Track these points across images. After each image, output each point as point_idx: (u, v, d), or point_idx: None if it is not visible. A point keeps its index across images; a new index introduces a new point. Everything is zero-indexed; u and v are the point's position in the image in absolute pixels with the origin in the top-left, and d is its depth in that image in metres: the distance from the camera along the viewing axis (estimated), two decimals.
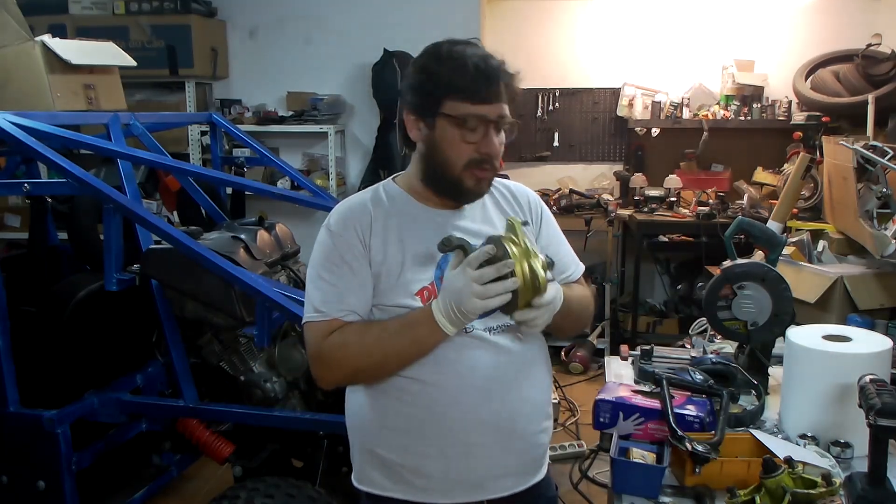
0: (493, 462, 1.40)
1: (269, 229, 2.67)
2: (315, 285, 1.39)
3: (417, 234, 1.40)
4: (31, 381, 2.41)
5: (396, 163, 4.50)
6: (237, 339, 2.46)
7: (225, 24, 4.89)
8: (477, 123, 1.33)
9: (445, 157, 1.37)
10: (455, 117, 1.33)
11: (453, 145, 1.35)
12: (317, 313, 1.37)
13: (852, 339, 1.60)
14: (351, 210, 1.44)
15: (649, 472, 1.43)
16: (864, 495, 1.28)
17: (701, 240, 4.30)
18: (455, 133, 1.34)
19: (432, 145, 1.38)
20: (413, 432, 1.38)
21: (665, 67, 4.89)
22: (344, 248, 1.38)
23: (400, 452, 1.39)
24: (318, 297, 1.38)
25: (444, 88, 1.33)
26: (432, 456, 1.38)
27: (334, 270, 1.38)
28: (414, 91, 1.38)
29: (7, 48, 2.76)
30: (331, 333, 1.35)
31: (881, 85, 4.14)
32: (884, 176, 2.76)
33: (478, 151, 1.35)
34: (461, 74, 1.32)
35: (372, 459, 1.43)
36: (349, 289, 1.37)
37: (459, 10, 4.65)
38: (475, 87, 1.32)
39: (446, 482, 1.39)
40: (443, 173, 1.38)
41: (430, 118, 1.36)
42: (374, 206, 1.43)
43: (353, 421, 1.47)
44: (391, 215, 1.41)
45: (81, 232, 2.73)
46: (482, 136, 1.34)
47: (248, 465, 2.37)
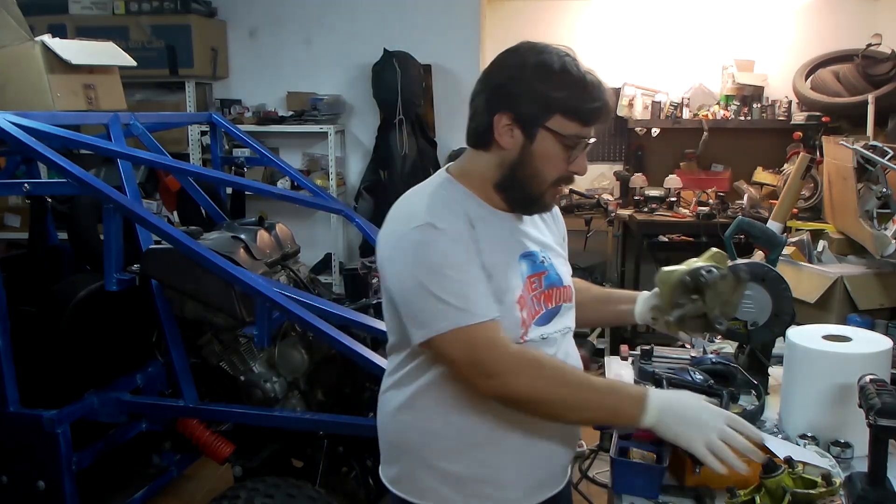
0: (558, 459, 1.43)
1: (269, 229, 2.67)
2: (443, 287, 1.23)
3: (499, 240, 1.34)
4: (31, 381, 2.41)
5: (396, 163, 4.50)
6: (237, 339, 2.46)
7: (225, 24, 4.89)
8: (576, 143, 1.31)
9: (537, 170, 1.32)
10: (562, 135, 1.29)
11: (550, 161, 1.31)
12: (464, 315, 1.22)
13: (852, 339, 1.60)
14: (449, 205, 1.31)
15: (649, 472, 1.43)
16: (864, 495, 1.28)
17: (701, 240, 4.29)
18: (556, 150, 1.30)
19: (526, 156, 1.31)
20: (493, 445, 1.35)
21: (665, 67, 4.89)
22: (463, 244, 1.27)
23: (478, 466, 1.35)
24: (457, 298, 1.22)
25: (557, 104, 1.27)
26: (510, 466, 1.36)
27: (464, 268, 1.25)
28: (519, 97, 1.29)
29: (7, 48, 2.76)
30: (499, 335, 1.24)
31: (881, 85, 4.14)
32: (884, 176, 2.76)
33: (568, 171, 1.33)
34: (581, 96, 1.28)
35: (445, 477, 1.36)
36: (484, 289, 1.27)
37: (459, 10, 4.65)
38: (593, 112, 1.29)
39: (523, 487, 1.39)
40: (527, 185, 1.33)
41: (532, 129, 1.29)
42: (461, 205, 1.33)
43: (414, 439, 1.39)
44: (477, 217, 1.32)
45: (81, 232, 2.73)
46: (577, 156, 1.33)
47: (248, 465, 2.37)
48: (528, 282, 1.36)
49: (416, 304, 1.26)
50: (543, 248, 1.43)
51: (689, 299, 1.47)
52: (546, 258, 1.41)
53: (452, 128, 4.74)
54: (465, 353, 1.24)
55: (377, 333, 2.27)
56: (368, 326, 2.24)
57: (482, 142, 1.35)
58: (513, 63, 1.32)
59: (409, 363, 1.38)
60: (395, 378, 1.42)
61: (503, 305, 1.29)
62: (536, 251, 1.40)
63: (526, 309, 1.33)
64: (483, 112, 1.33)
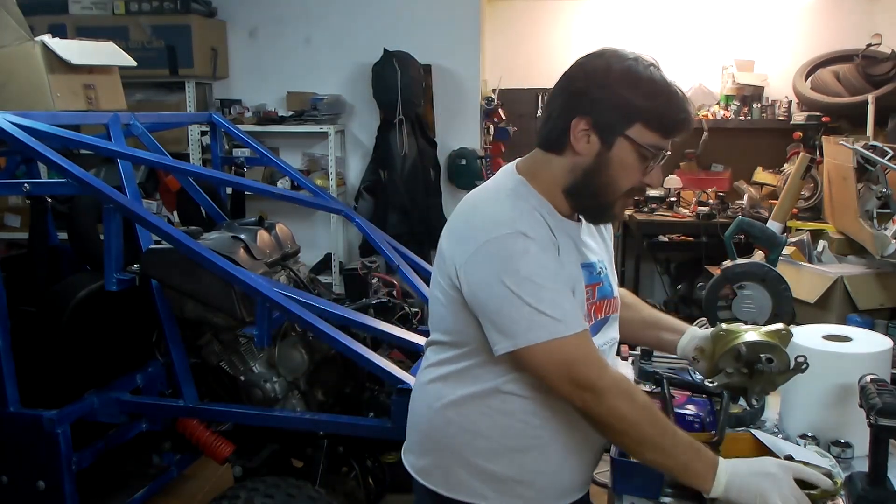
0: (590, 463, 1.45)
1: (269, 229, 2.67)
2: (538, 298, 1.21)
3: (570, 249, 1.34)
4: (31, 381, 2.41)
5: (396, 163, 4.50)
6: (237, 339, 2.46)
7: (225, 24, 4.89)
8: (653, 155, 1.28)
9: (612, 179, 1.29)
10: (641, 145, 1.27)
11: (626, 170, 1.29)
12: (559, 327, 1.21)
13: (852, 339, 1.60)
14: (532, 213, 1.29)
15: (649, 472, 1.43)
16: (864, 495, 1.28)
17: (701, 240, 4.30)
18: (633, 159, 1.28)
19: (602, 163, 1.29)
20: (535, 451, 1.36)
21: (665, 67, 4.87)
22: (552, 253, 1.26)
23: (517, 469, 1.37)
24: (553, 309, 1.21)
25: (641, 113, 1.26)
26: (547, 472, 1.38)
27: (557, 279, 1.25)
28: (600, 102, 1.27)
29: (7, 48, 2.76)
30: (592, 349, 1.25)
31: (881, 85, 4.14)
32: (884, 176, 2.76)
33: (641, 181, 1.31)
34: (666, 106, 1.27)
35: (481, 474, 1.37)
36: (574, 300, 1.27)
37: (459, 10, 4.65)
38: (677, 123, 1.27)
39: (554, 490, 1.40)
40: (599, 194, 1.31)
41: (611, 136, 1.27)
42: (539, 211, 1.31)
43: (455, 436, 1.39)
44: (553, 227, 1.31)
45: (81, 232, 2.72)
46: (653, 167, 1.30)
47: (248, 465, 2.37)
48: (586, 292, 1.36)
49: (508, 314, 1.23)
50: (601, 258, 1.43)
51: (738, 371, 1.44)
52: (603, 269, 1.42)
53: (452, 128, 4.75)
54: (560, 364, 1.23)
55: (377, 333, 2.27)
56: (368, 326, 2.24)
57: (556, 145, 1.33)
58: (596, 67, 1.30)
59: (466, 362, 1.37)
60: (444, 372, 1.40)
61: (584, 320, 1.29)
62: (595, 261, 1.40)
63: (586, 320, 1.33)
64: (559, 115, 1.31)
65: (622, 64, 1.28)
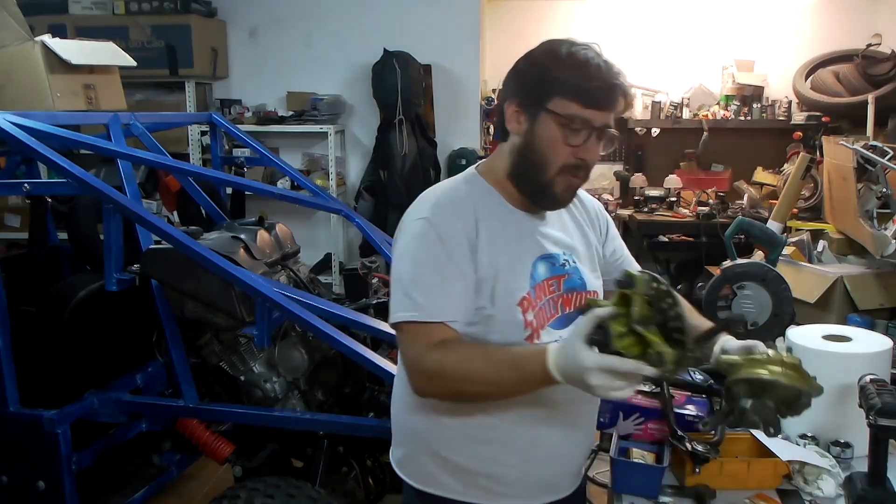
0: (566, 467, 1.43)
1: (269, 229, 2.67)
2: (414, 282, 1.27)
3: (510, 239, 1.34)
4: (31, 381, 2.41)
5: (396, 163, 4.50)
6: (237, 339, 2.46)
7: (225, 24, 4.89)
8: (582, 127, 1.27)
9: (542, 156, 1.30)
10: (562, 116, 1.27)
11: (553, 145, 1.29)
12: (416, 312, 1.25)
13: (852, 339, 1.61)
14: (452, 204, 1.33)
15: (649, 472, 1.43)
16: (864, 495, 1.28)
17: (701, 240, 4.30)
18: (557, 132, 1.28)
19: (531, 141, 1.31)
20: (495, 444, 1.36)
21: (665, 67, 4.89)
22: (452, 244, 1.28)
23: (481, 461, 1.37)
24: (421, 296, 1.26)
25: (557, 85, 1.27)
26: (513, 465, 1.37)
27: (440, 268, 1.27)
28: (523, 82, 1.31)
29: (7, 48, 2.76)
30: (434, 341, 1.25)
31: (881, 85, 4.14)
32: (884, 176, 2.76)
33: (575, 156, 1.29)
34: (579, 75, 1.27)
35: (445, 465, 1.38)
36: (457, 292, 1.27)
37: (459, 10, 4.65)
38: (591, 90, 1.27)
39: (524, 487, 1.39)
40: (535, 173, 1.32)
41: (535, 112, 1.29)
42: (474, 202, 1.34)
43: (422, 426, 1.41)
44: (489, 216, 1.33)
45: (81, 232, 2.72)
46: (583, 140, 1.28)
47: (248, 465, 2.37)
48: (545, 284, 1.35)
49: (393, 291, 1.31)
50: (569, 250, 1.41)
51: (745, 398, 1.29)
52: (570, 261, 1.40)
53: (452, 128, 4.75)
54: (408, 346, 1.28)
55: (377, 333, 2.27)
56: (368, 326, 2.24)
57: (502, 134, 1.36)
58: (527, 53, 1.34)
59: None
60: None
61: (497, 307, 1.29)
62: (558, 253, 1.38)
63: (533, 311, 1.32)
64: (501, 103, 1.36)
65: (547, 45, 1.32)
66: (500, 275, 1.30)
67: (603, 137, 1.30)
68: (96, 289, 2.50)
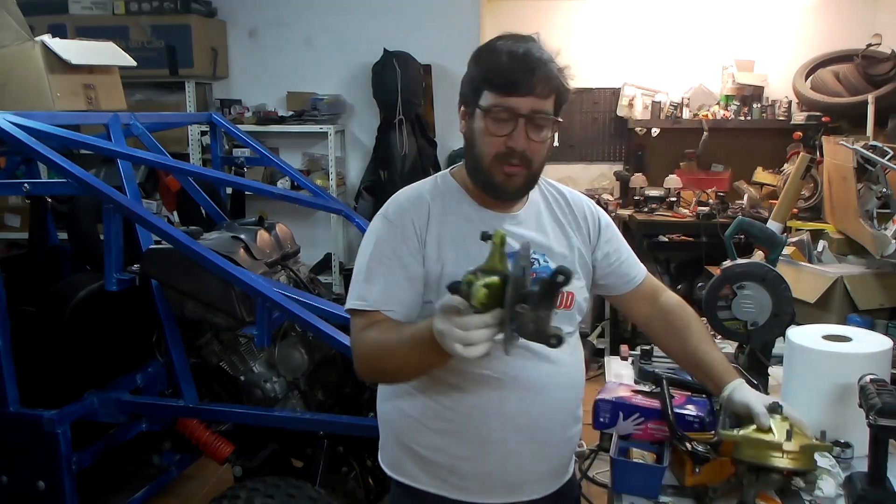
0: (530, 468, 1.41)
1: (269, 229, 2.67)
2: (364, 274, 1.37)
3: (468, 235, 1.36)
4: (31, 381, 2.41)
5: (396, 163, 4.50)
6: (237, 339, 2.46)
7: (225, 24, 4.89)
8: (507, 116, 1.30)
9: (478, 149, 1.35)
10: (484, 107, 1.32)
11: (483, 137, 1.34)
12: (360, 301, 1.35)
13: (852, 339, 1.60)
14: (410, 201, 1.41)
15: (649, 472, 1.43)
16: (864, 495, 1.28)
17: (701, 240, 4.29)
18: (489, 124, 1.32)
19: (470, 136, 1.37)
20: (451, 435, 1.38)
21: (665, 67, 4.89)
22: (398, 240, 1.36)
23: (437, 452, 1.40)
24: (366, 287, 1.35)
25: (480, 80, 1.33)
26: (468, 458, 1.38)
27: (385, 262, 1.35)
28: (463, 82, 1.38)
29: (7, 48, 2.76)
30: (368, 326, 1.33)
31: (881, 85, 4.13)
32: (884, 176, 2.75)
33: (505, 145, 1.32)
34: (494, 66, 1.31)
35: (408, 453, 1.43)
36: (398, 283, 1.34)
37: (459, 11, 4.65)
38: (505, 78, 1.30)
39: (482, 483, 1.39)
40: (477, 165, 1.37)
41: (472, 110, 1.35)
42: (432, 199, 1.40)
43: (389, 413, 1.46)
44: (448, 212, 1.39)
45: (81, 232, 2.73)
46: (511, 129, 1.31)
47: (248, 465, 2.37)
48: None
49: (351, 280, 1.40)
50: (540, 249, 1.41)
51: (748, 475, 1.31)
52: (538, 260, 1.40)
53: (452, 128, 4.74)
54: (351, 333, 1.38)
55: None
56: None
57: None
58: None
59: None
60: None
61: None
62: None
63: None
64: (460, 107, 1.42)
65: (480, 46, 1.38)
66: (447, 269, 1.34)
67: (534, 124, 1.32)
68: (96, 289, 2.50)
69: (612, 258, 1.54)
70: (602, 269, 1.53)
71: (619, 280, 1.56)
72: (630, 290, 1.57)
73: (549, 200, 1.49)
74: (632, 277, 1.57)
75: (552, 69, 1.31)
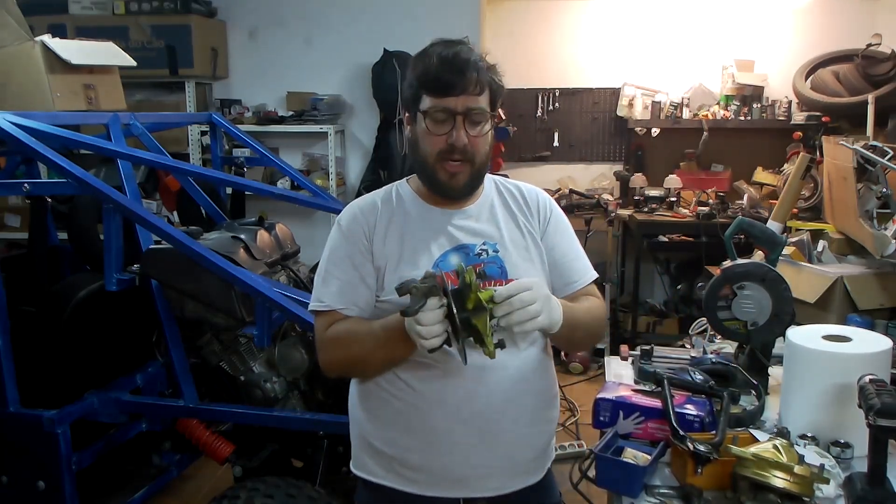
0: (476, 461, 1.42)
1: (269, 229, 2.67)
2: (322, 277, 1.47)
3: (415, 232, 1.45)
4: (31, 381, 2.41)
5: (396, 163, 4.50)
6: (237, 339, 2.46)
7: (225, 24, 4.89)
8: (445, 116, 1.37)
9: (422, 149, 1.42)
10: (425, 111, 1.38)
11: (425, 138, 1.40)
12: (319, 303, 1.45)
13: (852, 339, 1.60)
14: (360, 208, 1.50)
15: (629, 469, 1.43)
16: (864, 495, 1.28)
17: (701, 240, 4.30)
18: (428, 124, 1.39)
19: (414, 139, 1.44)
20: (398, 426, 1.43)
21: (665, 67, 4.89)
22: (350, 245, 1.45)
23: (388, 443, 1.44)
24: (323, 289, 1.45)
25: (417, 85, 1.39)
26: (415, 450, 1.42)
27: (339, 265, 1.45)
28: (404, 91, 1.46)
29: (7, 48, 2.76)
30: (331, 325, 1.42)
31: (881, 85, 4.14)
32: (884, 176, 2.75)
33: (445, 143, 1.38)
34: (425, 69, 1.38)
35: (366, 447, 1.48)
36: (350, 284, 1.43)
37: (459, 11, 4.65)
38: (435, 80, 1.37)
39: (429, 476, 1.42)
40: (422, 166, 1.44)
41: (414, 114, 1.42)
42: (382, 204, 1.49)
43: (352, 409, 1.53)
44: (396, 213, 1.47)
45: (81, 232, 2.73)
46: (450, 127, 1.37)
47: (248, 465, 2.37)
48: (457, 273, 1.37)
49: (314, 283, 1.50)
50: (491, 240, 1.45)
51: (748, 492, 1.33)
52: (487, 250, 1.44)
53: None
54: (315, 332, 1.47)
55: None
56: None
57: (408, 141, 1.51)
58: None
59: None
60: None
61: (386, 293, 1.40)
62: (472, 244, 1.44)
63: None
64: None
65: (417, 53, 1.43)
66: (390, 264, 1.42)
67: (471, 120, 1.38)
68: (96, 289, 2.50)
69: (556, 252, 1.51)
70: (552, 261, 1.51)
71: (559, 280, 1.51)
72: (568, 293, 1.50)
73: (503, 195, 1.54)
74: (573, 281, 1.51)
75: (481, 67, 1.39)
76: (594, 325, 1.52)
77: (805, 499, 1.30)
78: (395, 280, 1.37)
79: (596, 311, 1.52)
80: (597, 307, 1.53)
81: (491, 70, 1.42)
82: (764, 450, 1.33)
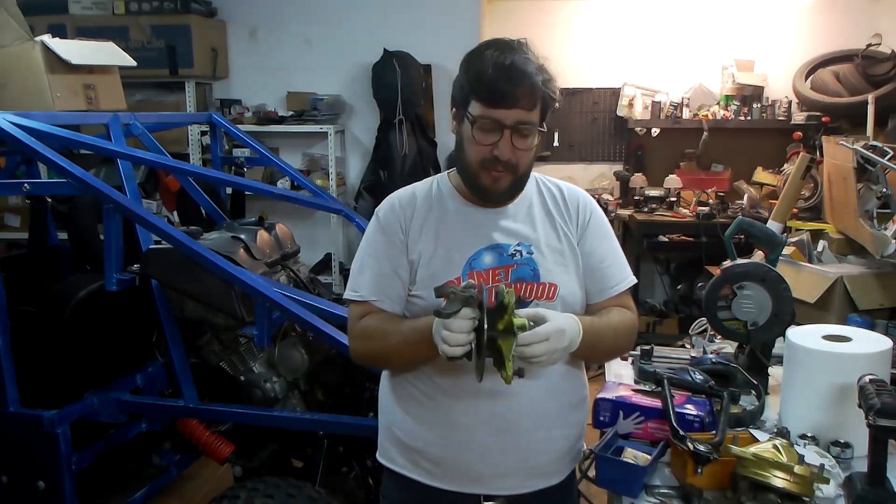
0: (493, 461, 1.43)
1: (269, 229, 2.67)
2: (358, 267, 1.48)
3: (451, 229, 1.44)
4: (31, 381, 2.41)
5: (396, 163, 4.50)
6: (237, 339, 2.46)
7: (225, 24, 4.89)
8: (492, 126, 1.34)
9: (466, 154, 1.40)
10: (472, 117, 1.36)
11: (470, 144, 1.38)
12: (354, 293, 1.46)
13: (852, 339, 1.60)
14: (399, 201, 1.49)
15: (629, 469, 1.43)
16: (864, 495, 1.29)
17: (701, 240, 4.30)
18: (475, 132, 1.36)
19: (459, 140, 1.42)
20: (420, 420, 1.45)
21: (665, 67, 4.89)
22: (386, 238, 1.45)
23: (410, 435, 1.47)
24: (359, 278, 1.46)
25: (468, 89, 1.37)
26: (435, 443, 1.44)
27: (374, 256, 1.46)
28: (454, 87, 1.43)
29: (7, 48, 2.76)
30: (364, 315, 1.44)
31: (881, 85, 4.14)
32: (884, 176, 2.75)
33: (491, 153, 1.36)
34: (479, 78, 1.34)
35: (391, 437, 1.51)
36: (384, 276, 1.44)
37: (459, 10, 4.65)
38: (490, 91, 1.33)
39: (447, 470, 1.44)
40: (465, 168, 1.42)
41: (462, 115, 1.39)
42: (421, 198, 1.48)
43: (382, 398, 1.56)
44: (433, 209, 1.46)
45: (81, 232, 2.73)
46: (497, 138, 1.34)
47: (248, 465, 2.37)
48: (490, 273, 1.39)
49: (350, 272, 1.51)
50: (526, 241, 1.43)
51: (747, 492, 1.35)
52: (521, 252, 1.42)
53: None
54: (348, 320, 1.49)
55: None
56: None
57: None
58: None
59: None
60: None
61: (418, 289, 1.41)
62: (507, 244, 1.42)
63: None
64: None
65: (470, 51, 1.41)
66: (424, 259, 1.42)
67: (519, 134, 1.35)
68: (96, 289, 2.50)
69: (593, 258, 1.47)
70: (588, 265, 1.47)
71: (594, 286, 1.47)
72: (602, 300, 1.48)
73: (543, 195, 1.50)
74: (607, 287, 1.47)
75: (536, 81, 1.34)
76: (620, 341, 1.50)
77: (805, 499, 1.30)
78: (427, 275, 1.40)
79: (623, 327, 1.47)
80: (625, 322, 1.47)
81: (546, 84, 1.35)
82: (764, 450, 1.33)
